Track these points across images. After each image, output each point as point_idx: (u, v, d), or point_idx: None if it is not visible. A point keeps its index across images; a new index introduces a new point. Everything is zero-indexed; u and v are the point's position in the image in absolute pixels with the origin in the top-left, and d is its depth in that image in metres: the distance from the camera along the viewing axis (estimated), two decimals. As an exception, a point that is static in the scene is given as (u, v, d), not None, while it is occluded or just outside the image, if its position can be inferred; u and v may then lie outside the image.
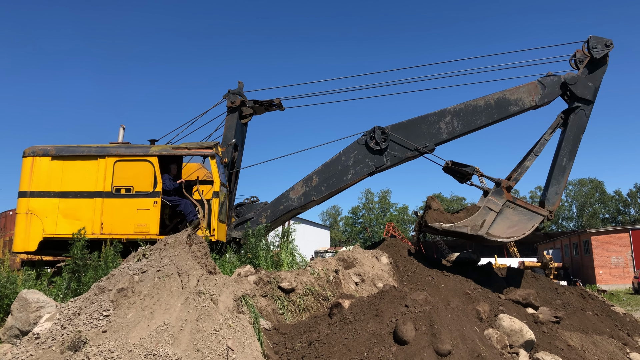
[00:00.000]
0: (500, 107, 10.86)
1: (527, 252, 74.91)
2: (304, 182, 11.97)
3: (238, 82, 13.02)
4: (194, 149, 11.63)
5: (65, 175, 11.64)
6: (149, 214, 11.17)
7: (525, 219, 9.96)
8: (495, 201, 10.01)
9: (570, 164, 10.45)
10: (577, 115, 10.64)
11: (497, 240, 9.83)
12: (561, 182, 10.39)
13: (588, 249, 48.02)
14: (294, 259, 10.77)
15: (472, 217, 9.97)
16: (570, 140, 10.54)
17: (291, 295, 7.66)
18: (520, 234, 9.82)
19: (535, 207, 10.04)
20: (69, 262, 9.09)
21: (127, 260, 6.84)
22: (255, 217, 12.17)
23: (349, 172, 11.57)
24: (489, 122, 10.90)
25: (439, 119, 11.07)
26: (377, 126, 11.33)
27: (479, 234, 9.83)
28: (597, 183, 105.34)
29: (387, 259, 11.02)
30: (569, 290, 11.24)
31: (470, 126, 10.92)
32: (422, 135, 11.12)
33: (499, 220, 9.94)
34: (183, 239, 6.95)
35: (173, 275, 6.12)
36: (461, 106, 11.00)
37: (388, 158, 11.36)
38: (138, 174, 11.40)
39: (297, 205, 11.96)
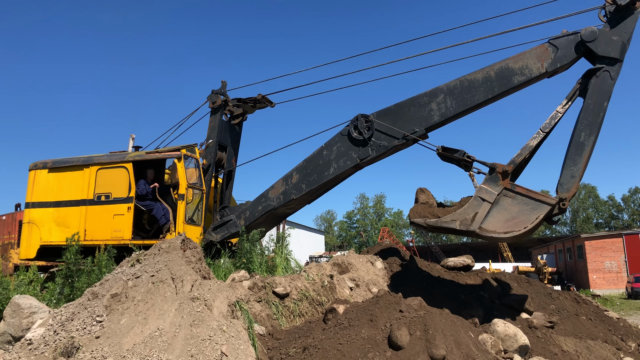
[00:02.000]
0: (502, 79, 8.96)
1: (521, 256, 75.17)
2: (284, 180, 11.16)
3: (221, 82, 12.59)
4: (164, 152, 11.90)
5: (59, 186, 12.32)
6: (123, 219, 11.53)
7: (528, 210, 7.98)
8: (489, 190, 8.27)
9: (590, 140, 8.09)
10: (599, 78, 8.38)
11: (493, 236, 7.94)
12: (578, 162, 8.03)
13: (582, 254, 48.20)
14: (289, 264, 10.76)
15: (461, 210, 8.37)
16: (591, 110, 8.25)
17: (286, 300, 7.64)
18: (521, 227, 7.73)
19: (540, 195, 8.04)
20: (62, 268, 9.04)
21: (121, 265, 6.81)
22: (234, 219, 11.69)
23: (330, 167, 10.51)
24: (488, 98, 9.07)
25: (430, 99, 9.50)
26: (361, 114, 10.16)
27: (470, 229, 8.04)
28: (590, 188, 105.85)
29: (381, 264, 11.02)
30: (562, 295, 11.27)
31: (466, 104, 9.20)
32: (411, 120, 9.65)
33: (495, 212, 8.17)
34: (177, 244, 6.93)
35: (167, 281, 6.10)
36: (455, 82, 9.32)
37: (373, 148, 10.05)
38: (115, 181, 11.81)
39: (276, 205, 11.16)
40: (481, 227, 8.00)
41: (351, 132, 10.20)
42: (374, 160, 10.29)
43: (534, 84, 9.08)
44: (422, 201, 9.44)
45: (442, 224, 8.39)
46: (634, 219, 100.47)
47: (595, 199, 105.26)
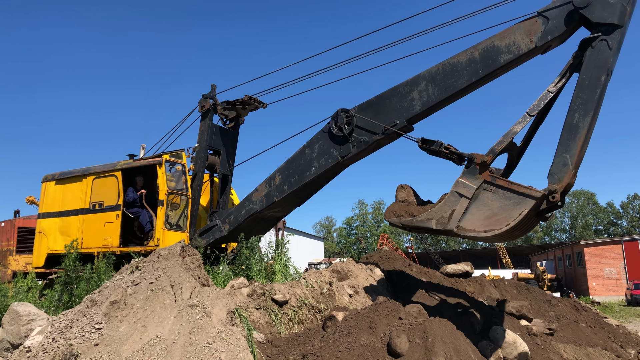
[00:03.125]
0: (488, 59, 7.96)
1: (520, 263, 75.10)
2: (267, 182, 10.81)
3: (211, 86, 12.45)
4: (148, 159, 12.12)
5: (64, 196, 12.88)
6: (112, 227, 11.81)
7: (510, 205, 6.98)
8: (467, 183, 7.38)
9: (585, 122, 6.97)
10: (594, 49, 7.20)
11: (472, 235, 7.10)
12: (572, 147, 6.94)
13: (581, 261, 48.17)
14: (288, 270, 10.74)
15: (437, 207, 7.56)
16: (585, 86, 7.11)
17: (285, 307, 7.63)
18: (503, 225, 6.82)
19: (524, 187, 6.96)
20: (61, 275, 9.04)
21: (120, 272, 6.81)
22: (219, 224, 11.53)
23: (312, 166, 9.98)
24: (472, 82, 8.13)
25: (411, 88, 8.72)
26: (341, 108, 9.57)
27: (447, 228, 7.28)
28: (589, 195, 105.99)
29: (380, 271, 11.01)
30: (562, 302, 11.26)
31: (448, 91, 8.32)
32: (392, 112, 8.93)
33: (474, 208, 7.28)
34: (176, 251, 6.93)
35: (166, 288, 6.09)
36: (437, 67, 8.46)
37: (354, 144, 9.42)
38: (107, 190, 12.15)
39: (259, 208, 10.80)
40: (459, 225, 7.21)
41: (332, 128, 9.67)
42: (357, 157, 9.72)
43: (527, 61, 8.13)
44: (401, 199, 8.73)
45: (417, 223, 7.66)
46: (633, 225, 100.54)
47: (594, 205, 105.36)
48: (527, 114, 7.38)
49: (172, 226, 11.58)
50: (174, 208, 11.67)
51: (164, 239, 11.15)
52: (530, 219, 6.99)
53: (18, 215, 26.76)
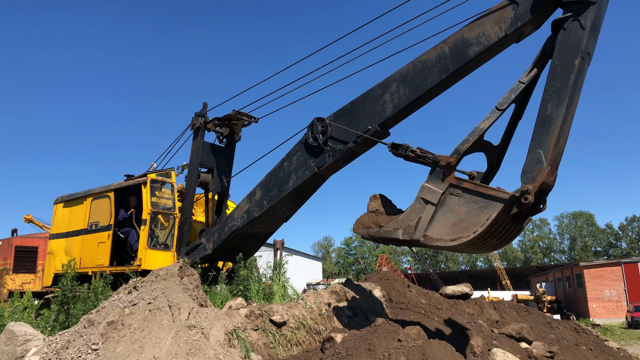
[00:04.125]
0: (457, 53, 7.38)
1: (520, 285, 74.73)
2: (248, 198, 10.54)
3: (203, 103, 12.30)
4: (136, 179, 12.27)
5: (70, 218, 13.19)
6: (104, 246, 11.93)
7: (477, 210, 6.43)
8: (433, 188, 6.82)
9: (559, 112, 6.25)
10: (566, 30, 6.49)
11: (439, 245, 6.59)
12: (545, 142, 6.23)
13: (581, 282, 47.94)
14: (286, 291, 10.68)
15: (403, 216, 7.04)
16: (558, 72, 6.41)
17: (283, 328, 7.58)
18: (470, 232, 6.30)
19: (492, 189, 6.43)
20: (58, 294, 8.99)
21: (118, 292, 6.77)
22: (204, 243, 11.32)
23: (290, 179, 9.66)
24: (442, 79, 7.55)
25: (383, 91, 8.24)
26: (317, 117, 9.16)
27: (414, 238, 6.78)
28: (588, 216, 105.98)
29: (380, 292, 10.96)
30: (562, 325, 11.19)
31: (419, 90, 7.76)
32: (365, 117, 8.48)
33: (440, 215, 6.75)
34: (175, 271, 6.91)
35: (164, 308, 6.06)
36: (408, 67, 7.93)
37: (329, 154, 8.98)
38: (102, 210, 12.36)
39: (240, 224, 10.50)
40: (425, 235, 6.70)
41: (308, 138, 9.28)
42: (334, 167, 9.29)
43: (500, 53, 7.44)
44: (371, 210, 8.18)
45: (384, 234, 7.21)
46: (632, 247, 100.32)
47: (593, 226, 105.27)
48: (496, 108, 6.80)
49: (160, 245, 11.59)
50: (162, 227, 11.71)
51: (146, 258, 11.15)
52: (505, 225, 6.35)
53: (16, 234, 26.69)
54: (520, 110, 7.18)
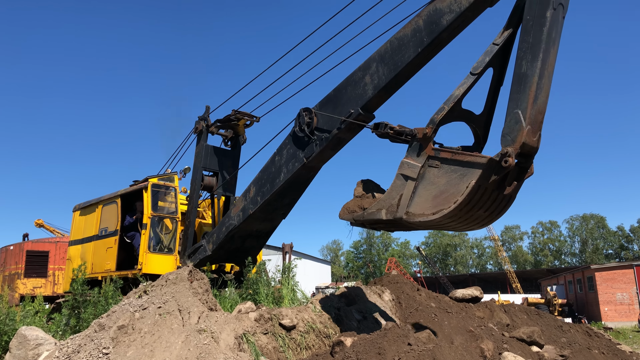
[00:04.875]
0: (431, 25, 7.11)
1: (530, 288, 74.19)
2: (243, 196, 10.40)
3: (205, 107, 12.28)
4: (139, 183, 12.52)
5: (85, 224, 13.58)
6: (111, 251, 12.15)
7: (457, 178, 6.14)
8: (412, 163, 6.55)
9: (534, 68, 5.93)
10: None
11: (421, 220, 6.27)
12: (523, 100, 5.90)
13: (592, 285, 47.50)
14: (295, 295, 10.67)
15: (385, 195, 6.77)
16: (530, 27, 6.08)
17: (292, 332, 7.57)
18: (451, 203, 6.01)
19: (470, 155, 6.14)
20: (69, 298, 9.05)
21: (128, 296, 6.81)
22: (204, 245, 11.21)
23: (281, 173, 9.50)
24: (418, 53, 7.24)
25: (364, 73, 8.05)
26: (303, 108, 9.02)
27: (397, 216, 6.50)
28: (599, 218, 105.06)
29: (389, 296, 10.92)
30: (574, 328, 11.09)
31: (397, 67, 7.50)
32: (349, 102, 8.28)
33: (421, 189, 6.45)
34: (184, 275, 6.93)
35: (174, 312, 6.08)
36: (386, 45, 7.71)
37: (316, 143, 8.81)
38: (111, 216, 12.61)
39: (236, 223, 10.35)
40: (408, 211, 6.43)
41: (296, 130, 9.16)
42: (323, 157, 9.08)
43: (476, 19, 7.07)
44: (357, 194, 7.98)
45: (368, 216, 6.97)
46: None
47: (604, 229, 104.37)
48: (471, 73, 6.53)
49: (163, 249, 11.69)
50: (164, 231, 11.81)
51: (147, 262, 11.26)
52: (489, 193, 6.06)
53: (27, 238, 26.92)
54: (500, 75, 6.89)
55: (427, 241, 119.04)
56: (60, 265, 23.43)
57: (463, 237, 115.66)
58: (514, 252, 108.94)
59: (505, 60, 6.74)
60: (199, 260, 11.25)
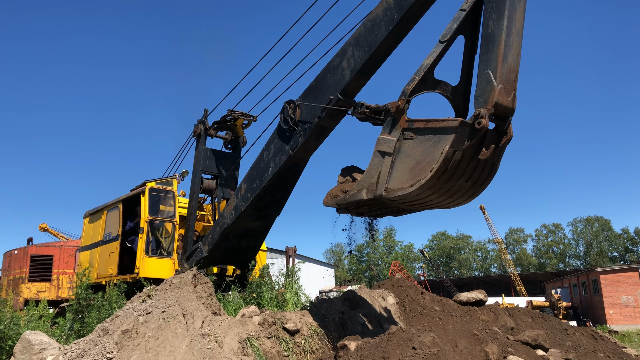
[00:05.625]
0: (400, 1, 7.01)
1: (534, 291, 73.92)
2: (235, 194, 10.35)
3: (204, 110, 12.25)
4: (137, 188, 12.62)
5: (93, 230, 13.77)
6: (113, 256, 12.25)
7: (431, 147, 5.94)
8: (387, 138, 6.41)
9: (500, 25, 5.79)
10: None
11: (400, 194, 6.11)
12: (492, 60, 5.76)
13: (597, 288, 47.28)
14: (299, 299, 10.66)
15: (364, 175, 6.62)
16: None
17: (296, 336, 7.56)
18: (427, 172, 5.83)
19: (442, 121, 5.95)
20: (73, 303, 9.07)
21: (132, 300, 6.81)
22: (200, 247, 11.13)
23: (269, 167, 9.47)
24: (389, 31, 7.14)
25: (341, 58, 8.00)
26: (287, 100, 9.01)
27: (377, 194, 6.35)
28: (603, 221, 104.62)
29: (393, 299, 10.90)
30: (579, 331, 11.04)
31: (371, 48, 7.45)
32: (329, 89, 8.25)
33: (398, 163, 6.30)
34: (188, 279, 6.93)
35: (178, 317, 6.08)
36: (360, 28, 7.70)
37: (300, 133, 8.78)
38: (114, 221, 12.74)
39: (229, 221, 10.28)
40: (387, 187, 6.27)
41: (281, 123, 9.15)
42: (308, 147, 9.03)
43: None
44: (341, 181, 7.89)
45: (349, 198, 6.79)
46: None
47: (608, 231, 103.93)
48: (439, 41, 6.41)
49: (163, 253, 11.75)
50: (162, 235, 11.86)
51: (144, 266, 11.28)
52: (466, 159, 5.89)
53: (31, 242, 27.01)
54: (473, 43, 6.72)
55: (430, 244, 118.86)
56: (65, 269, 23.49)
57: (467, 240, 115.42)
58: (518, 255, 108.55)
59: (476, 28, 6.57)
60: (195, 262, 11.15)
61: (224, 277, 11.70)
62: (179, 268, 11.51)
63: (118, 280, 11.32)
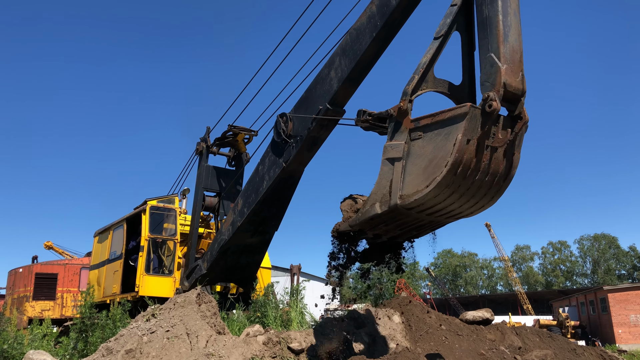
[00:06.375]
0: (382, 7, 7.06)
1: (541, 309, 73.12)
2: (232, 210, 10.41)
3: (206, 128, 12.35)
4: (139, 207, 12.70)
5: (101, 249, 13.87)
6: (117, 275, 12.33)
7: (442, 140, 5.67)
8: (394, 143, 6.14)
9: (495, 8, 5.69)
10: None
11: (417, 198, 5.75)
12: (492, 42, 5.64)
13: (605, 307, 46.72)
14: (304, 318, 10.59)
15: (374, 188, 6.29)
16: None
17: (301, 356, 7.49)
18: (443, 167, 5.52)
19: (449, 110, 5.69)
20: (77, 322, 9.04)
21: (136, 320, 6.78)
22: (199, 264, 11.11)
23: (264, 181, 9.48)
24: (374, 37, 7.23)
25: (329, 69, 8.06)
26: (280, 114, 9.06)
27: (391, 204, 5.96)
28: (611, 238, 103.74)
29: (399, 318, 10.80)
30: (588, 351, 10.88)
31: (356, 56, 7.50)
32: (319, 100, 8.27)
33: (409, 166, 5.98)
34: (192, 298, 6.91)
35: (182, 336, 6.04)
36: (346, 37, 7.77)
37: (293, 145, 8.80)
38: (119, 240, 12.80)
39: (226, 237, 10.29)
40: (401, 195, 5.89)
41: (275, 137, 9.20)
42: (300, 159, 9.02)
43: None
44: (345, 208, 7.49)
45: (363, 216, 6.35)
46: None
47: (616, 249, 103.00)
48: (434, 37, 6.20)
49: (165, 271, 11.77)
50: (163, 253, 11.89)
51: (144, 284, 11.27)
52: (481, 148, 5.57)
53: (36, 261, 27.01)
54: (469, 39, 6.54)
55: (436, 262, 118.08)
56: (69, 287, 23.44)
57: (473, 258, 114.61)
58: (524, 273, 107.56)
59: (470, 22, 6.44)
60: (195, 280, 11.09)
61: (228, 295, 11.66)
62: (179, 286, 11.49)
63: (121, 298, 11.28)
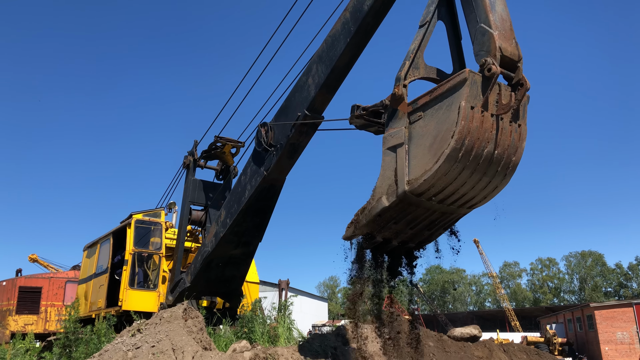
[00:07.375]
0: (356, 13, 7.15)
1: (529, 326, 73.27)
2: (216, 221, 10.42)
3: (194, 141, 12.27)
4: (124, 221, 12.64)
5: (90, 263, 13.74)
6: (103, 289, 12.20)
7: (445, 112, 5.48)
8: (393, 131, 5.98)
9: None
10: None
11: (426, 179, 5.50)
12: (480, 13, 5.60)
13: (592, 324, 46.90)
14: (291, 333, 10.51)
15: (378, 181, 6.08)
16: None
17: (288, 373, 7.43)
18: (449, 138, 5.30)
19: (447, 81, 5.56)
20: (61, 336, 8.91)
21: (121, 335, 6.70)
22: (183, 278, 11.01)
23: (246, 190, 9.49)
24: (347, 43, 7.29)
25: (307, 76, 8.16)
26: (260, 123, 9.14)
27: (399, 192, 5.69)
28: (597, 256, 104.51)
29: (387, 334, 10.77)
30: (574, 369, 10.91)
31: (332, 62, 7.59)
32: (298, 107, 8.35)
33: (413, 149, 5.77)
34: (179, 313, 6.84)
35: (167, 352, 5.98)
36: (322, 45, 7.88)
37: (273, 153, 8.85)
38: (105, 254, 12.70)
39: (210, 249, 10.26)
40: (409, 180, 5.65)
41: (256, 146, 9.27)
42: (281, 167, 9.03)
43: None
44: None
45: (371, 212, 6.02)
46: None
47: (602, 266, 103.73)
48: (419, 26, 6.14)
49: (150, 285, 11.68)
50: (148, 267, 11.82)
51: (127, 299, 11.14)
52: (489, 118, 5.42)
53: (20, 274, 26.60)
54: (454, 28, 6.56)
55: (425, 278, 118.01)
56: (53, 301, 23.09)
57: (461, 274, 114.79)
58: (512, 290, 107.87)
59: (453, 12, 6.48)
60: (178, 293, 10.98)
61: (214, 310, 11.54)
62: (163, 301, 11.40)
63: (106, 313, 11.13)
